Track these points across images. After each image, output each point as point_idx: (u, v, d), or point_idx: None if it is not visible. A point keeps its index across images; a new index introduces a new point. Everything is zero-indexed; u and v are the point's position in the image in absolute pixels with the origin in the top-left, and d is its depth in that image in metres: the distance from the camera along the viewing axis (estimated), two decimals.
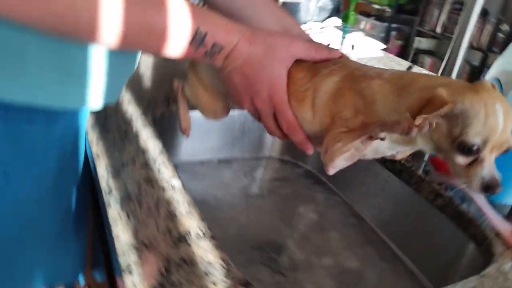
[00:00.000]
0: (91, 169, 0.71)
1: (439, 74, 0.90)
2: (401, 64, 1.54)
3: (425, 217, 0.84)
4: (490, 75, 0.84)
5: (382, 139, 0.50)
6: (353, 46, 1.29)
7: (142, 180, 0.65)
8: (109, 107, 0.85)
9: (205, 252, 0.54)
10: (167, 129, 1.00)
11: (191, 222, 0.58)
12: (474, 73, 3.68)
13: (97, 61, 0.63)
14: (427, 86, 0.50)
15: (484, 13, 3.62)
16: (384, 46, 1.85)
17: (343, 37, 1.18)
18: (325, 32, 1.76)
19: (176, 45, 0.57)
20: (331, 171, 0.56)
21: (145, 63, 1.18)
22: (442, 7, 4.24)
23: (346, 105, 0.55)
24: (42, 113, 0.63)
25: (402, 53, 4.36)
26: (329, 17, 1.92)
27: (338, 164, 0.55)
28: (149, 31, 0.55)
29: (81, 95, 0.65)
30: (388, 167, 0.92)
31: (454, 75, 0.86)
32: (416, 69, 1.49)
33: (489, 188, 0.50)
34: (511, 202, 0.78)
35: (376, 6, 4.97)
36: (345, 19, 1.15)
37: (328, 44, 0.64)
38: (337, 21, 1.83)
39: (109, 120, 0.81)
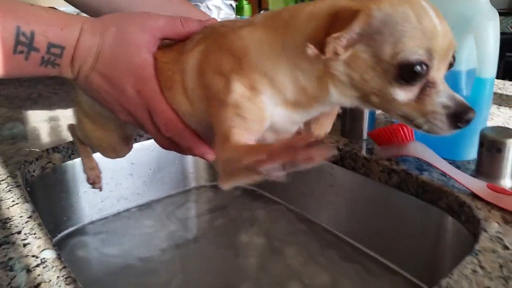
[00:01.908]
0: None
1: None
2: None
3: (385, 201, 0.70)
4: None
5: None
6: None
7: None
8: None
9: None
10: (55, 188, 0.80)
11: None
12: None
13: None
14: (319, 9, 0.36)
15: None
16: None
17: None
18: None
19: None
20: (226, 188, 0.39)
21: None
22: None
23: (215, 73, 0.40)
24: None
25: None
26: None
27: (235, 184, 0.39)
28: None
29: None
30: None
31: None
32: None
33: (461, 115, 0.34)
34: (474, 157, 0.66)
35: None
36: (239, 12, 1.02)
37: None
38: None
39: None
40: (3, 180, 0.65)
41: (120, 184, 0.90)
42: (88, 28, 0.44)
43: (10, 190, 0.62)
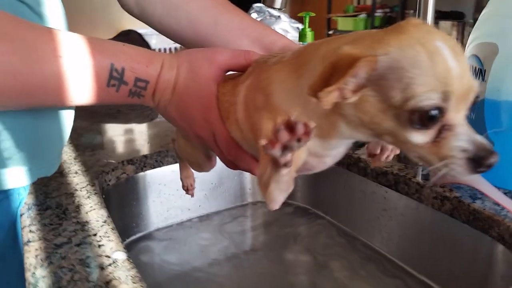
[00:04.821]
0: None
1: None
2: None
3: (437, 227, 0.70)
4: (467, 53, 0.73)
5: (285, 164, 0.35)
6: None
7: (77, 261, 0.53)
8: (52, 182, 0.75)
9: None
10: (127, 196, 0.89)
11: None
12: None
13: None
14: (330, 50, 0.36)
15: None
16: None
17: None
18: None
19: (91, 89, 0.49)
20: (274, 206, 0.42)
21: (94, 128, 1.09)
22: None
23: (254, 109, 0.44)
24: None
25: None
26: None
27: (276, 198, 0.41)
28: (54, 81, 0.47)
29: None
30: (382, 181, 0.79)
31: None
32: None
33: (482, 160, 0.32)
34: None
35: None
36: (301, 38, 1.07)
37: None
38: None
39: (49, 197, 0.70)
40: (83, 187, 0.74)
41: (184, 196, 0.95)
42: (167, 63, 0.51)
43: (89, 197, 0.70)
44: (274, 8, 0.83)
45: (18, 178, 0.58)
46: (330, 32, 4.80)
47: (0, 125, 0.53)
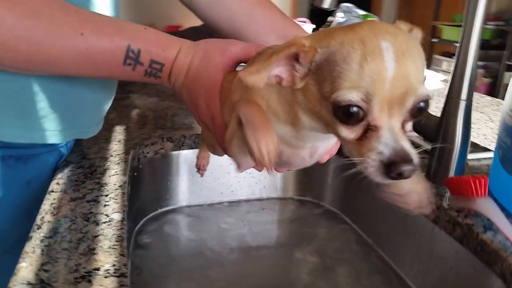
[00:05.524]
0: None
1: None
2: (492, 104, 1.37)
3: (448, 252, 0.66)
4: None
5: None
6: None
7: (81, 214, 0.59)
8: (95, 146, 0.83)
9: None
10: (164, 170, 0.95)
11: (108, 258, 0.50)
12: None
13: (40, 92, 0.62)
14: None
15: None
16: (444, 77, 1.67)
17: None
18: None
19: (108, 66, 0.55)
20: (238, 170, 0.47)
21: (143, 99, 1.17)
22: None
23: (237, 88, 0.47)
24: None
25: (491, 91, 3.95)
26: None
27: (236, 157, 0.46)
28: (73, 55, 0.53)
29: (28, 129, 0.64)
30: None
31: None
32: None
33: (392, 166, 0.32)
34: None
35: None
36: None
37: None
38: None
39: (86, 158, 0.78)
40: (118, 154, 0.81)
41: (218, 179, 1.01)
42: (184, 50, 0.55)
43: (118, 163, 0.77)
44: (323, 8, 0.83)
45: (53, 135, 0.66)
46: (434, 40, 4.53)
47: (37, 88, 0.61)
